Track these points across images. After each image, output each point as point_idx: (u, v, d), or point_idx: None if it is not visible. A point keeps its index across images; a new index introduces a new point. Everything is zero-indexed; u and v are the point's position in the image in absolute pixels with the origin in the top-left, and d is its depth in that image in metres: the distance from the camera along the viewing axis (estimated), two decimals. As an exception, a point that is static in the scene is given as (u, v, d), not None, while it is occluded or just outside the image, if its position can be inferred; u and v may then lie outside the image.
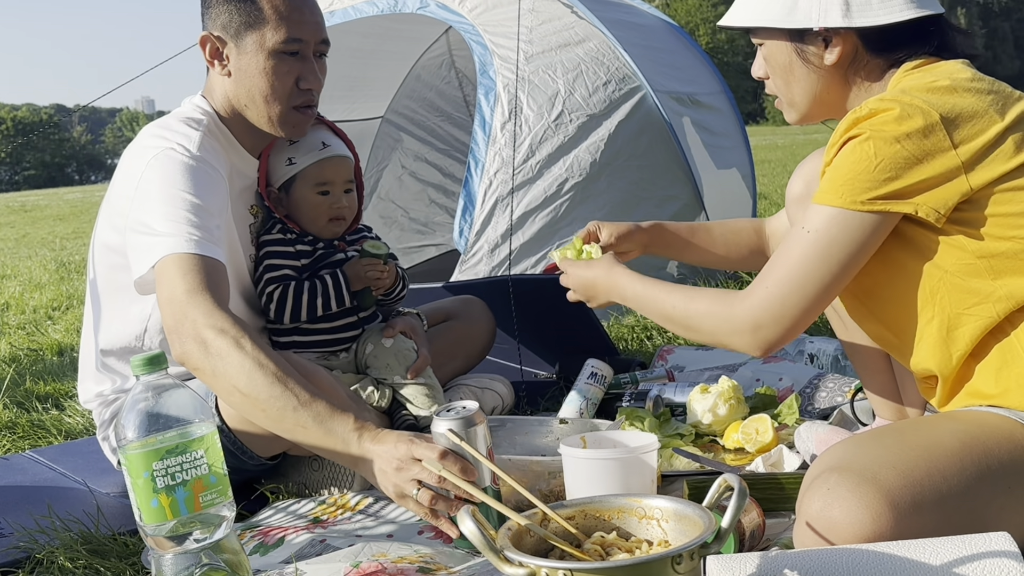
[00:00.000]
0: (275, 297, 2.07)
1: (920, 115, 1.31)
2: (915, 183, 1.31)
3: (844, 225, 1.34)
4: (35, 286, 6.50)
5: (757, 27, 1.51)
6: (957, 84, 1.35)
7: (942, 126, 1.30)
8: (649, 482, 1.55)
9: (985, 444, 1.25)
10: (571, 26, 3.99)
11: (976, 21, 57.41)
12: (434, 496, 1.50)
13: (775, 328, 1.41)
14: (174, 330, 1.69)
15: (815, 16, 1.44)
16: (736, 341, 1.46)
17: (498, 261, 3.46)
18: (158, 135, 1.92)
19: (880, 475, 1.19)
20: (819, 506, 1.20)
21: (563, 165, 3.66)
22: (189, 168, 1.83)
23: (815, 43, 1.47)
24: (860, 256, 1.36)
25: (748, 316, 1.43)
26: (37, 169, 72.10)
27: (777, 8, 1.47)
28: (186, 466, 1.27)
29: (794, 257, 1.39)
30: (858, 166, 1.32)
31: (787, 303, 1.39)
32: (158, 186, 1.81)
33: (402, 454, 1.52)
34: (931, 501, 1.19)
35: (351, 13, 4.23)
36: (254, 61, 1.94)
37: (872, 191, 1.32)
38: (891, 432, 1.32)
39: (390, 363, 2.15)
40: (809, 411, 2.20)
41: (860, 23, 1.42)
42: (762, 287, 1.42)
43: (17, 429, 2.69)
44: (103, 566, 1.65)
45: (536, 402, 2.51)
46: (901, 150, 1.30)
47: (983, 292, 1.33)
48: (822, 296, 1.38)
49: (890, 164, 1.30)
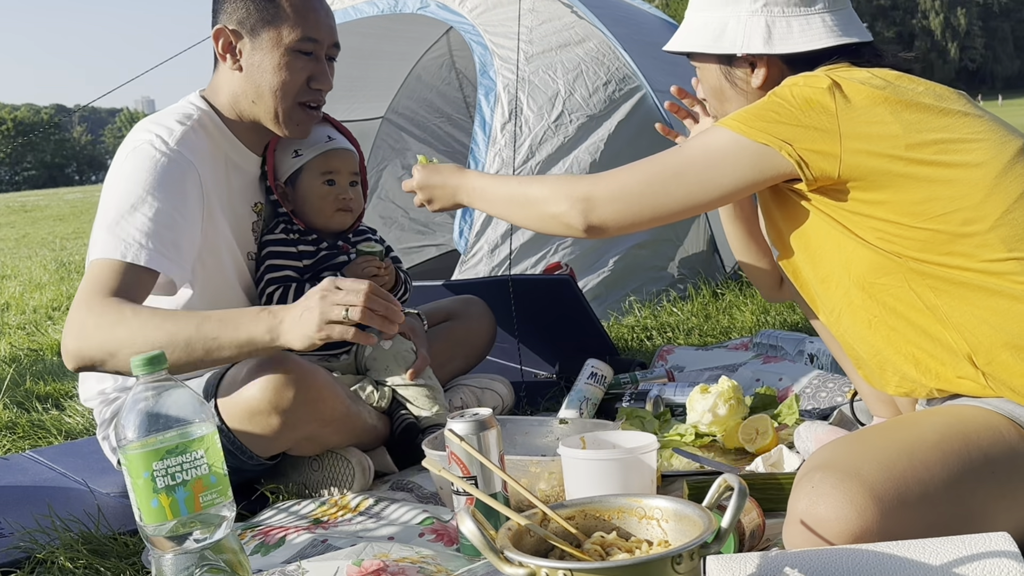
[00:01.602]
0: (275, 298, 2.07)
1: (816, 79, 1.40)
2: (792, 127, 1.37)
3: (715, 146, 1.42)
4: (35, 286, 6.51)
5: (691, 52, 1.61)
6: (853, 75, 1.42)
7: (835, 92, 1.37)
8: (649, 482, 1.55)
9: (965, 434, 1.27)
10: (571, 26, 3.99)
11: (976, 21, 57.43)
12: (366, 311, 1.57)
13: (606, 206, 1.48)
14: (65, 332, 1.72)
15: (739, 43, 1.53)
16: (564, 207, 1.51)
17: (498, 261, 3.46)
18: (143, 128, 1.95)
19: (863, 470, 1.20)
20: (805, 504, 1.21)
21: (563, 166, 3.66)
22: (158, 165, 1.85)
23: (742, 67, 1.56)
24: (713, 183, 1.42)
25: (585, 188, 1.50)
26: (37, 169, 72.11)
27: (707, 35, 1.56)
28: (186, 466, 1.27)
29: (655, 162, 1.48)
30: (753, 105, 1.43)
31: (626, 191, 1.47)
32: (124, 181, 1.85)
33: (324, 286, 1.60)
34: (916, 493, 1.20)
35: (351, 13, 4.23)
36: (269, 57, 1.97)
37: (752, 122, 1.39)
38: (874, 430, 1.34)
39: (389, 364, 2.15)
40: (809, 411, 2.20)
41: (780, 50, 1.51)
42: (611, 172, 1.50)
43: (17, 429, 2.69)
44: (103, 566, 1.65)
45: (536, 402, 2.51)
46: (791, 96, 1.39)
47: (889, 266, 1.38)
48: (661, 205, 1.46)
49: (777, 106, 1.39)
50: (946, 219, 1.34)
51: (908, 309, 1.38)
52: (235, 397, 1.81)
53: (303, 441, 1.90)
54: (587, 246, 3.65)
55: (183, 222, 1.86)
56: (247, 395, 1.79)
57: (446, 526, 1.69)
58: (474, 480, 1.51)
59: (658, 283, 3.81)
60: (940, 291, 1.35)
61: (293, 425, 1.82)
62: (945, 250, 1.34)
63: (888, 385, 1.47)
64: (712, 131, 1.44)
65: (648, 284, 3.78)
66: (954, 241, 1.34)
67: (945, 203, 1.34)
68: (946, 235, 1.34)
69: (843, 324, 1.47)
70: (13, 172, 70.91)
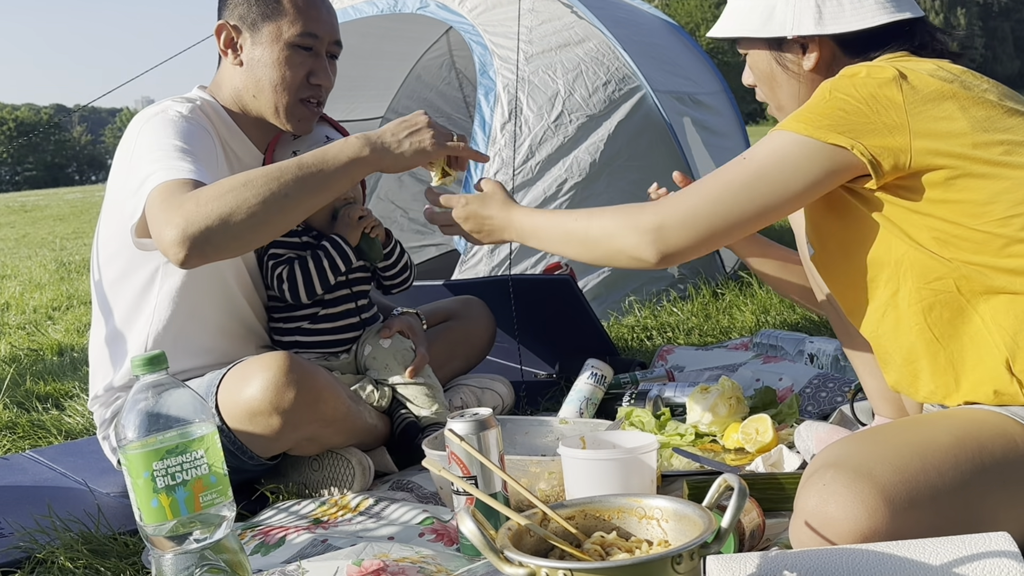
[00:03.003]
0: (284, 277, 2.08)
1: (880, 70, 1.35)
2: (861, 124, 1.33)
3: (782, 152, 1.37)
4: (35, 286, 6.51)
5: (739, 37, 1.56)
6: (919, 66, 1.38)
7: (901, 81, 1.33)
8: (649, 482, 1.55)
9: (979, 440, 1.26)
10: (571, 26, 3.99)
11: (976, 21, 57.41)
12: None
13: (679, 232, 1.42)
14: (162, 228, 1.67)
15: (789, 25, 1.48)
16: (634, 241, 1.45)
17: (498, 261, 3.46)
18: (155, 106, 1.97)
19: (875, 471, 1.20)
20: (815, 502, 1.20)
21: (563, 166, 3.66)
22: (178, 122, 1.87)
23: (793, 50, 1.52)
24: (786, 188, 1.37)
25: (653, 218, 1.44)
26: (37, 169, 72.12)
27: (755, 19, 1.52)
28: (186, 466, 1.27)
29: (721, 177, 1.42)
30: (813, 102, 1.37)
31: (698, 212, 1.41)
32: (147, 142, 1.85)
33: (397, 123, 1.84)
34: (926, 497, 1.20)
35: (351, 13, 4.23)
36: (268, 51, 1.98)
37: (818, 122, 1.34)
38: (886, 430, 1.33)
39: (389, 363, 2.15)
40: (809, 411, 2.20)
41: (832, 30, 1.46)
42: (675, 197, 1.44)
43: (17, 429, 2.69)
44: (103, 566, 1.65)
45: (536, 402, 2.51)
46: (855, 91, 1.34)
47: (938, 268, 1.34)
48: (735, 219, 1.40)
49: (843, 103, 1.34)
50: (1007, 223, 1.31)
51: (954, 314, 1.35)
52: (236, 397, 1.81)
53: (304, 441, 1.90)
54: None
55: (214, 166, 1.89)
56: (248, 395, 1.79)
57: (446, 526, 1.69)
58: (474, 480, 1.51)
59: (658, 283, 3.81)
60: (987, 295, 1.33)
61: (294, 425, 1.82)
62: (1000, 253, 1.31)
63: (919, 392, 1.43)
64: (777, 136, 1.39)
65: (648, 284, 3.78)
66: (1011, 245, 1.31)
67: (1008, 206, 1.31)
68: (1004, 239, 1.31)
69: (883, 327, 1.43)
70: (13, 172, 70.94)
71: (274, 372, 1.79)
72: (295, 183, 1.72)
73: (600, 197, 3.70)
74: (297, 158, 1.77)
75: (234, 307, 2.07)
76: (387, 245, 2.24)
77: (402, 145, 1.82)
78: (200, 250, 1.66)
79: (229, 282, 2.05)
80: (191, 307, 1.98)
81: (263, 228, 1.72)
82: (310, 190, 1.74)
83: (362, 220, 2.15)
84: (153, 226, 1.71)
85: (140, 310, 1.99)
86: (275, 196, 1.69)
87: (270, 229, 1.75)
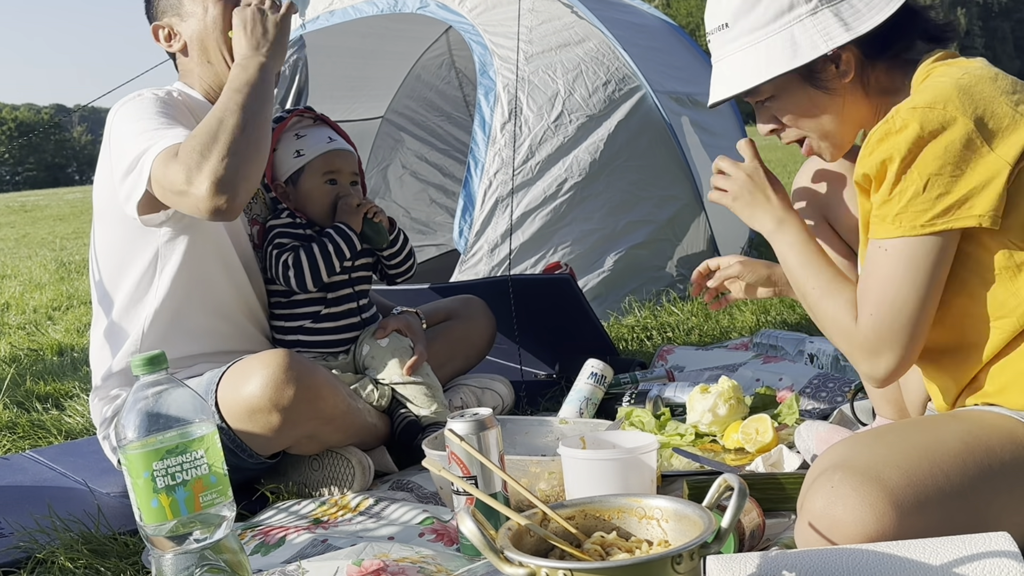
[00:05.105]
0: (291, 263, 2.09)
1: (955, 126, 1.29)
2: (965, 192, 1.29)
3: (913, 251, 1.32)
4: (35, 286, 6.51)
5: (765, 82, 1.48)
6: (983, 78, 1.34)
7: (977, 132, 1.29)
8: (649, 482, 1.55)
9: (987, 444, 1.25)
10: (571, 26, 4.00)
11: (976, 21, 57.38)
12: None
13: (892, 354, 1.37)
14: (175, 176, 1.76)
15: (820, 43, 1.43)
16: (859, 364, 1.42)
17: (498, 261, 3.46)
18: (132, 94, 2.02)
19: (884, 474, 1.19)
20: (822, 504, 1.20)
21: (563, 166, 3.66)
22: (155, 102, 1.95)
23: (825, 69, 1.46)
24: (939, 271, 1.33)
25: (864, 341, 1.39)
26: (38, 169, 72.10)
27: (778, 56, 1.45)
28: (186, 466, 1.27)
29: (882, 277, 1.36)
30: (907, 192, 1.31)
31: (894, 326, 1.36)
32: (127, 125, 1.90)
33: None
34: (934, 501, 1.19)
35: (351, 13, 4.23)
36: (200, 21, 2.05)
37: (928, 212, 1.30)
38: (894, 431, 1.32)
39: (387, 362, 2.15)
40: (809, 411, 2.20)
41: (862, 30, 1.42)
42: (866, 313, 1.38)
43: (17, 429, 2.69)
44: (103, 566, 1.65)
45: (536, 402, 2.51)
46: (944, 165, 1.29)
47: (1010, 303, 1.32)
48: (922, 313, 1.35)
49: (937, 181, 1.29)
50: None
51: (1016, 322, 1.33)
52: (235, 394, 1.81)
53: (303, 439, 1.90)
54: (587, 245, 3.66)
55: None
56: (247, 393, 1.80)
57: (446, 526, 1.69)
58: (474, 480, 1.51)
59: (658, 283, 3.81)
60: None
61: (293, 423, 1.82)
62: None
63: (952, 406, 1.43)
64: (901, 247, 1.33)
65: (648, 284, 3.78)
66: None
67: None
68: None
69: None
70: (13, 172, 70.94)
71: (273, 369, 1.79)
72: (250, 101, 1.82)
73: (600, 197, 3.70)
74: (229, 89, 1.85)
75: (234, 288, 2.07)
76: (392, 231, 2.25)
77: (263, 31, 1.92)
78: (234, 191, 1.76)
79: (228, 262, 2.05)
80: (190, 289, 1.99)
81: (264, 144, 1.84)
82: (261, 101, 1.85)
83: (361, 206, 2.16)
84: (172, 191, 1.78)
85: (140, 296, 1.99)
86: (249, 116, 1.80)
87: (266, 145, 1.86)
